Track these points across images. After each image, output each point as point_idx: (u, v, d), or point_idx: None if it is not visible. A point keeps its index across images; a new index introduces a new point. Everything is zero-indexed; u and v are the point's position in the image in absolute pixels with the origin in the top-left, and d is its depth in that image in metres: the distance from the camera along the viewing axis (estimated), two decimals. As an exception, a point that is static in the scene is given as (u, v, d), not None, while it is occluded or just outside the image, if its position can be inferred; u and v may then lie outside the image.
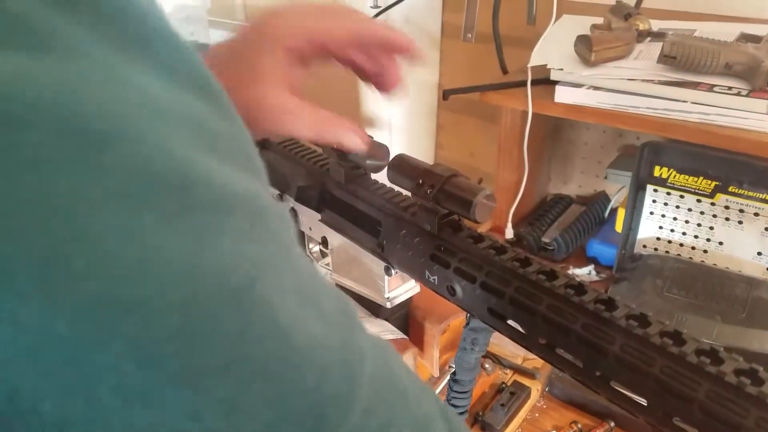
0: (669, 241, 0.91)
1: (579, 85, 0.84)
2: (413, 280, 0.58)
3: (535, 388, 0.78)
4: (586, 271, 0.97)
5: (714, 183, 0.83)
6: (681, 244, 0.90)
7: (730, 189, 0.82)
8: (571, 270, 0.98)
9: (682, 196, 0.86)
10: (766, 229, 0.82)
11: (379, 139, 0.47)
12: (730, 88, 0.74)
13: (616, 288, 0.85)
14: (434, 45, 1.31)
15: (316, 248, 0.63)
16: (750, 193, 0.81)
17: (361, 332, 0.25)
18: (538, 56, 0.89)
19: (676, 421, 0.31)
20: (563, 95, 0.85)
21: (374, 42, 0.46)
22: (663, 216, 0.89)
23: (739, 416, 0.29)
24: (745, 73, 0.75)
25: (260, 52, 0.43)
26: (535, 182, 1.09)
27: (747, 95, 0.73)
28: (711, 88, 0.75)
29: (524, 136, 0.95)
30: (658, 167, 0.86)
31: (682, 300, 0.80)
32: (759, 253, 0.84)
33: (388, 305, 0.58)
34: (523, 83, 0.89)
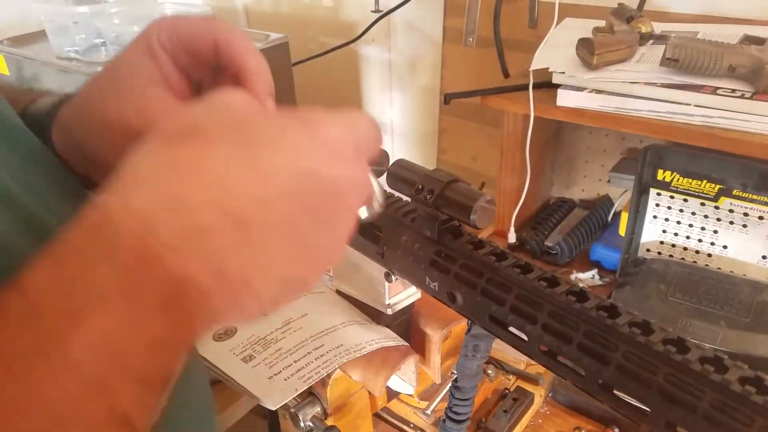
0: (673, 245, 0.90)
1: (581, 89, 0.84)
2: (414, 287, 0.58)
3: (539, 393, 0.77)
4: (589, 276, 0.97)
5: (718, 186, 0.83)
6: (685, 248, 0.89)
7: (734, 192, 0.82)
8: (574, 274, 0.97)
9: (685, 200, 0.86)
10: (771, 232, 0.81)
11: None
12: (733, 90, 0.74)
13: (619, 292, 0.85)
14: (436, 49, 1.31)
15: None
16: (754, 196, 0.80)
17: None
18: (540, 60, 0.89)
19: (680, 430, 0.31)
20: (565, 99, 0.85)
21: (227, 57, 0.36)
22: (666, 220, 0.89)
23: (744, 425, 0.28)
24: (749, 76, 0.74)
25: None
26: (538, 186, 1.09)
27: (751, 98, 0.72)
28: (714, 90, 0.75)
29: (526, 140, 0.94)
30: (661, 171, 0.86)
31: (687, 305, 0.80)
32: (764, 257, 0.83)
33: (389, 312, 0.58)
34: (525, 87, 0.89)
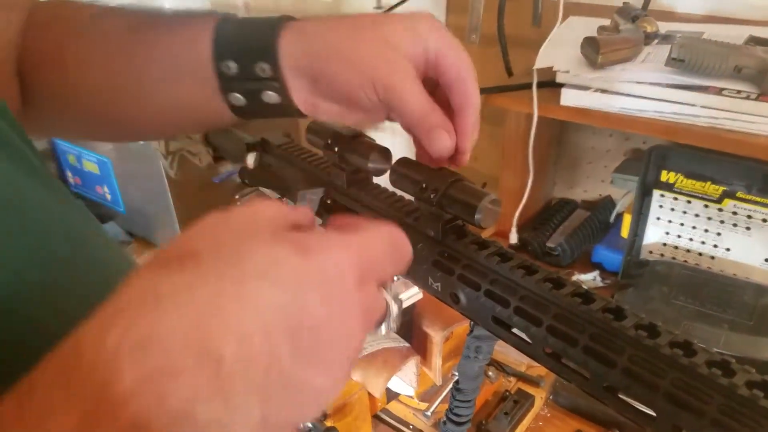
0: (676, 247, 0.89)
1: (585, 88, 0.83)
2: (416, 287, 0.57)
3: (539, 396, 0.77)
4: (590, 277, 0.96)
5: (722, 188, 0.82)
6: (688, 250, 0.89)
7: (738, 194, 0.81)
8: (576, 276, 0.97)
9: (689, 202, 0.85)
10: (775, 235, 0.81)
11: (382, 142, 0.47)
12: (739, 91, 0.73)
13: (621, 295, 0.84)
14: (439, 47, 1.30)
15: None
16: (758, 198, 0.80)
17: None
18: (544, 58, 0.88)
19: (687, 435, 0.30)
20: (569, 98, 0.84)
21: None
22: (670, 221, 0.88)
23: (751, 430, 0.28)
24: (755, 77, 0.73)
25: None
26: (540, 186, 1.08)
27: (756, 99, 0.72)
28: (720, 91, 0.74)
29: (529, 140, 0.94)
30: (665, 172, 0.85)
31: (690, 307, 0.79)
32: (767, 259, 0.83)
33: (390, 311, 0.57)
34: (529, 86, 0.88)
